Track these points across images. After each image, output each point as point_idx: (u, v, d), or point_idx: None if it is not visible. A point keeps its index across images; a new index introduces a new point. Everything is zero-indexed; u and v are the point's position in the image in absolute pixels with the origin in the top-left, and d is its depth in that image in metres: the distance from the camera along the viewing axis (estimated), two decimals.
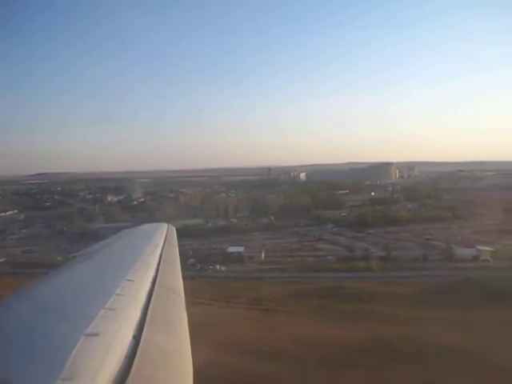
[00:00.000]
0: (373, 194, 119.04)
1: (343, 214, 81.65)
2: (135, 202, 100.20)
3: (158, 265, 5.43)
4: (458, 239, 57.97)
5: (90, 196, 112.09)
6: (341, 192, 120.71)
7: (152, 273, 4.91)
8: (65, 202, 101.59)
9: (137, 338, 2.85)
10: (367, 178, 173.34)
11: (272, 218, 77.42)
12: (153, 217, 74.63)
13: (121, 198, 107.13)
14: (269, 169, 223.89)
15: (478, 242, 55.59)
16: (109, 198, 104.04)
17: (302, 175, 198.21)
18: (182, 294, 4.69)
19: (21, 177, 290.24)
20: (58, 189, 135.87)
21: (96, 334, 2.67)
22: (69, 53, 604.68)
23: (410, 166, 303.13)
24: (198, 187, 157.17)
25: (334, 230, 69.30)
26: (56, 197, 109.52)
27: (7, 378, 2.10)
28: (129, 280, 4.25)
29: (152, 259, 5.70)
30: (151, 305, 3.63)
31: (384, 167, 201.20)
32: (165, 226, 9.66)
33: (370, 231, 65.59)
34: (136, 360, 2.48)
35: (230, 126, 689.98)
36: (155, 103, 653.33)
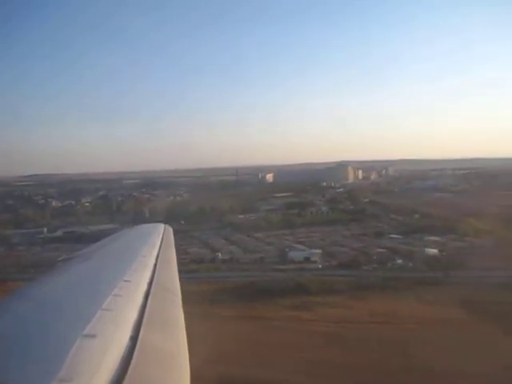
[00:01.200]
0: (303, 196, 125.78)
1: (252, 218, 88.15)
2: (78, 207, 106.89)
3: (155, 265, 5.45)
4: (317, 241, 65.19)
5: (43, 201, 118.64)
6: (279, 195, 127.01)
7: (149, 273, 4.94)
8: (16, 206, 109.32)
9: (134, 338, 2.87)
10: (326, 178, 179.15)
11: (182, 223, 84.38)
12: (68, 223, 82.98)
13: (70, 202, 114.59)
14: (236, 170, 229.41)
15: (332, 244, 63.11)
16: (53, 203, 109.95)
17: (269, 176, 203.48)
18: (179, 295, 4.77)
19: (12, 178, 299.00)
20: (25, 193, 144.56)
21: (93, 335, 2.70)
22: (64, 55, 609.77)
23: (387, 165, 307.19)
24: (169, 189, 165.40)
25: (223, 233, 75.51)
26: (10, 202, 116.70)
27: (4, 379, 2.08)
28: (126, 280, 4.29)
29: (149, 260, 5.73)
30: (148, 305, 3.67)
31: (341, 168, 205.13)
32: (162, 226, 9.75)
33: (257, 235, 71.81)
34: (133, 361, 2.49)
35: (224, 125, 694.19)
36: (149, 103, 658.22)
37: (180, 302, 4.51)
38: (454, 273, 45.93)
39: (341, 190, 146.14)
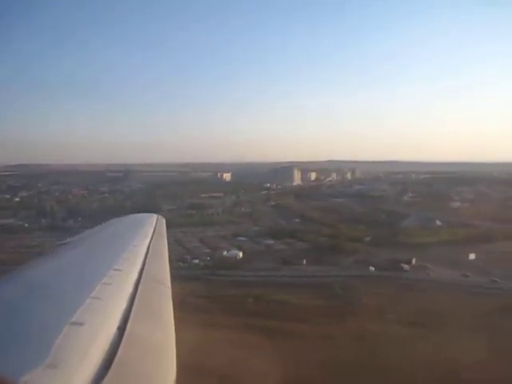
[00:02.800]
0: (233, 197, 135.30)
1: None
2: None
3: (146, 255, 5.57)
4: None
5: None
6: (206, 195, 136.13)
7: (140, 263, 5.02)
8: None
9: (122, 328, 2.89)
10: (273, 179, 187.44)
11: (79, 220, 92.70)
12: None
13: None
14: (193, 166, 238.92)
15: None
16: None
17: (226, 175, 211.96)
18: (169, 285, 4.81)
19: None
20: None
21: (81, 323, 2.71)
22: (59, 48, 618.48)
23: (353, 166, 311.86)
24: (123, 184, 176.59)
25: None
26: None
27: None
28: (116, 269, 4.31)
29: (140, 249, 5.84)
30: (138, 295, 3.69)
31: (287, 169, 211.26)
32: (154, 216, 9.91)
33: None
34: (120, 350, 2.50)
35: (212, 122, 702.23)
36: (142, 96, 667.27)
37: (170, 293, 4.50)
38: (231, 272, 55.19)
39: (272, 192, 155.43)
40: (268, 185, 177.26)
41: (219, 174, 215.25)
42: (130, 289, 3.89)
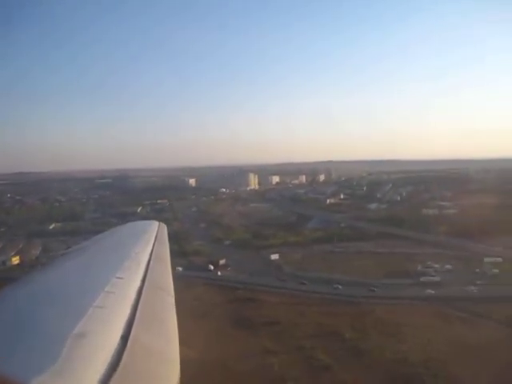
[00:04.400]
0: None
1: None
2: None
3: (149, 263, 5.60)
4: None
5: None
6: (148, 202, 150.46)
7: (142, 271, 5.05)
8: None
9: (125, 337, 2.89)
10: (234, 183, 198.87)
11: None
12: None
13: None
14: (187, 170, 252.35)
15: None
16: None
17: (192, 181, 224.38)
18: (172, 293, 4.86)
19: None
20: None
21: (84, 333, 2.73)
22: (58, 53, 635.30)
23: (345, 167, 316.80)
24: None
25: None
26: None
27: None
28: (119, 277, 4.32)
29: (142, 257, 5.88)
30: (140, 304, 3.69)
31: (243, 174, 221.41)
32: (156, 224, 9.82)
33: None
34: (123, 359, 2.51)
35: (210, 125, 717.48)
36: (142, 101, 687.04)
37: (173, 300, 4.52)
38: None
39: (222, 196, 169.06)
40: (223, 189, 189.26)
41: (186, 179, 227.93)
42: (132, 297, 3.89)
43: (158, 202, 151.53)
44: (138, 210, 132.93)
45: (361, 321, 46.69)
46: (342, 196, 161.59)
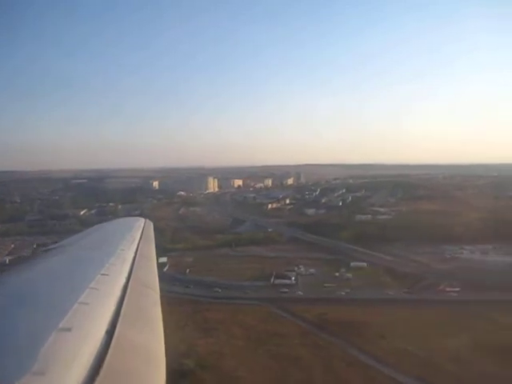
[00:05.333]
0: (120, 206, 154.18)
1: None
2: None
3: (134, 259, 5.57)
4: None
5: None
6: (98, 205, 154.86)
7: (127, 267, 5.00)
8: None
9: (110, 333, 2.85)
10: (189, 188, 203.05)
11: None
12: None
13: None
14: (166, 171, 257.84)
15: None
16: None
17: (155, 183, 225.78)
18: (158, 290, 4.85)
19: None
20: None
21: (69, 329, 2.68)
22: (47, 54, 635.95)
23: (298, 172, 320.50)
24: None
25: None
26: None
27: None
28: (104, 274, 4.28)
29: (128, 254, 5.81)
30: (126, 300, 3.65)
31: (201, 178, 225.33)
32: (142, 220, 10.03)
33: None
34: (108, 356, 2.47)
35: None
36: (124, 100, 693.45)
37: (158, 297, 4.50)
38: None
39: (164, 200, 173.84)
40: (181, 192, 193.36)
41: (151, 182, 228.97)
42: (117, 294, 3.85)
43: (110, 204, 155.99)
44: (81, 213, 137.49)
45: (188, 318, 51.20)
46: (287, 201, 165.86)
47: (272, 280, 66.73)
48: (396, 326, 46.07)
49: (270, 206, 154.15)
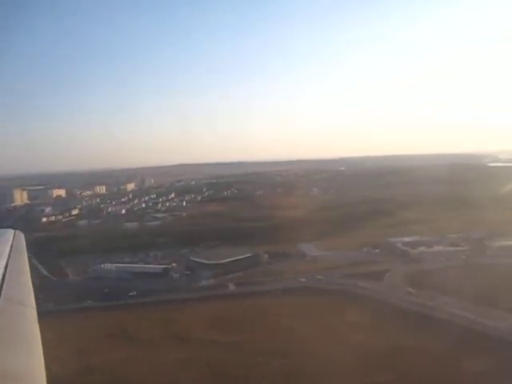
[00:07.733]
0: None
1: None
2: None
3: (4, 276, 4.92)
4: None
5: None
6: None
7: None
8: None
9: None
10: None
11: None
12: None
13: None
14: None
15: None
16: None
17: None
18: (34, 305, 4.34)
19: None
20: None
21: None
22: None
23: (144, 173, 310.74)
24: None
25: None
26: None
27: None
28: None
29: None
30: None
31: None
32: (11, 232, 8.89)
33: None
34: None
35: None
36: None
37: (35, 315, 4.00)
38: None
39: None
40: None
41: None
42: None
43: None
44: None
45: None
46: (73, 212, 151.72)
47: None
48: None
49: (44, 219, 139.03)
